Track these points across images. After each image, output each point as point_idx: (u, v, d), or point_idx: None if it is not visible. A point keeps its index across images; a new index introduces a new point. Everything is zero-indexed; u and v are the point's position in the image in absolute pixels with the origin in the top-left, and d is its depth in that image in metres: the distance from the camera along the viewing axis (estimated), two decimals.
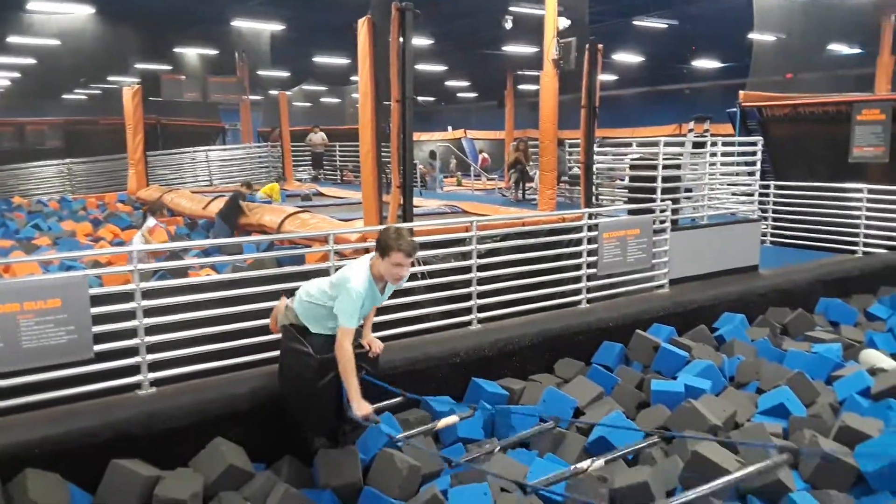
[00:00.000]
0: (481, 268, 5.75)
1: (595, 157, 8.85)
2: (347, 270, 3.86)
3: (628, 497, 3.72)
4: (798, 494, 3.45)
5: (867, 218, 8.66)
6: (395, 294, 5.40)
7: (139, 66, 18.60)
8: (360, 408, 3.73)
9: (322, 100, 28.43)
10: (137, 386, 4.37)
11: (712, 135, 9.32)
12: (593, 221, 6.52)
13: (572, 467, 3.83)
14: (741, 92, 10.74)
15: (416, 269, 5.76)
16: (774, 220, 9.80)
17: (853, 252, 8.67)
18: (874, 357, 5.49)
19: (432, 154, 18.02)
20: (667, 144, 7.73)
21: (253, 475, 3.93)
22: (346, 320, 3.72)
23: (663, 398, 4.74)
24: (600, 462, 2.68)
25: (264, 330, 4.65)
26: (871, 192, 8.63)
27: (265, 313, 4.66)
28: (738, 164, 8.55)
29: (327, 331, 3.95)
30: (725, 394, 4.88)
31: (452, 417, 4.30)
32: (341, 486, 3.91)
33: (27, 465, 3.53)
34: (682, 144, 8.59)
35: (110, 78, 21.47)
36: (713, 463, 3.65)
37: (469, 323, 5.72)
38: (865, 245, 8.69)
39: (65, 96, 24.67)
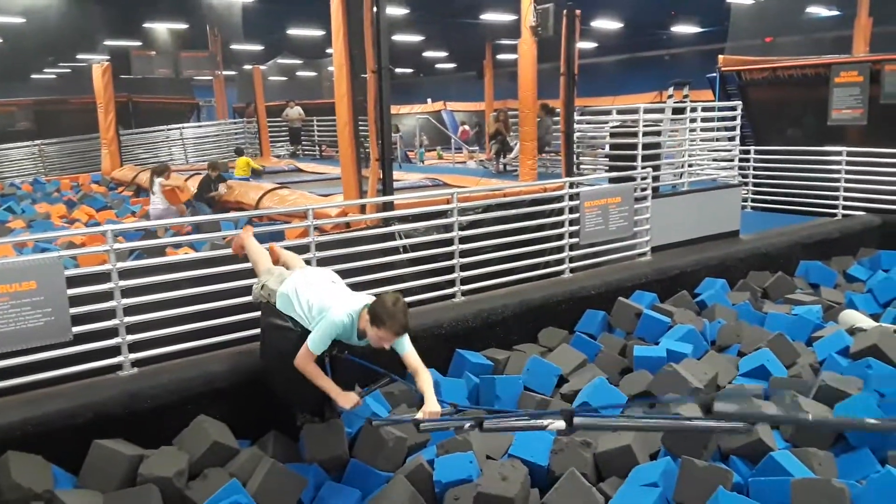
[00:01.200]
0: (463, 240, 5.73)
1: (575, 126, 8.81)
2: (336, 302, 3.66)
3: (612, 461, 3.76)
4: (779, 453, 3.50)
5: (846, 181, 8.72)
6: (379, 268, 5.39)
7: (108, 43, 18.12)
8: (346, 401, 3.59)
9: (298, 73, 28.00)
10: (119, 367, 4.33)
11: (692, 101, 9.29)
12: (574, 191, 6.50)
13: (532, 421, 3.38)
14: (720, 56, 10.70)
15: (399, 242, 5.74)
16: (755, 185, 9.84)
17: (833, 215, 8.75)
18: (853, 317, 5.56)
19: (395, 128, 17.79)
20: (646, 111, 7.71)
21: (238, 451, 3.91)
22: (314, 346, 3.59)
23: (646, 363, 4.78)
24: (560, 423, 2.67)
25: (244, 308, 4.60)
26: (849, 154, 8.68)
27: (245, 291, 4.61)
28: (718, 129, 8.55)
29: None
30: (707, 357, 4.93)
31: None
32: (328, 459, 3.91)
33: (8, 448, 3.48)
34: (661, 111, 8.56)
35: (79, 56, 20.94)
36: (696, 425, 3.68)
37: (453, 295, 5.71)
38: (845, 208, 8.76)
39: (33, 76, 24.06)
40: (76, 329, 4.14)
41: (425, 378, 3.62)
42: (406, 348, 3.66)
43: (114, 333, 4.33)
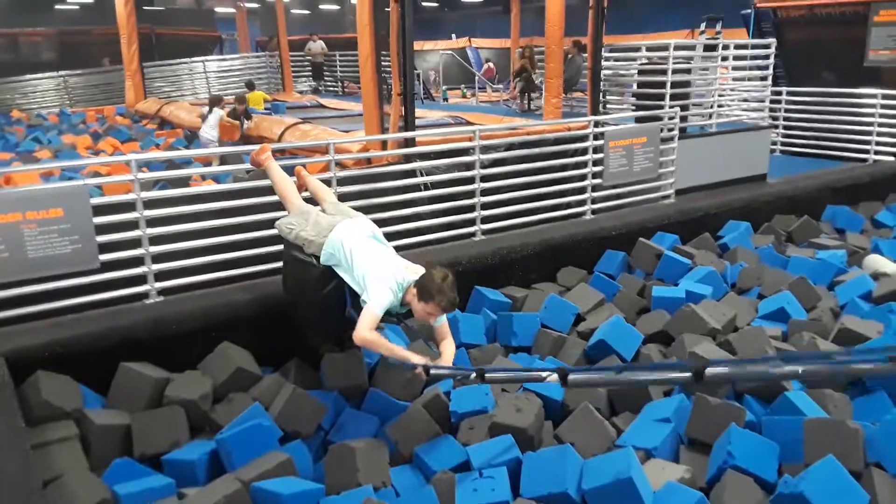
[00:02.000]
0: (485, 178, 5.69)
1: (602, 63, 8.58)
2: (386, 272, 3.53)
3: (626, 397, 3.81)
4: (794, 393, 3.51)
5: (879, 125, 8.47)
6: (397, 205, 5.40)
7: None
8: (420, 361, 3.41)
9: (321, 6, 27.47)
10: (145, 295, 4.43)
11: (724, 39, 8.98)
12: (599, 130, 6.39)
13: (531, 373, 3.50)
14: None
15: (419, 179, 5.71)
16: (785, 128, 9.60)
17: (864, 161, 8.53)
18: (878, 262, 5.49)
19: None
20: (676, 48, 7.48)
21: (261, 377, 4.02)
22: (378, 307, 3.42)
23: (664, 304, 4.77)
24: (555, 377, 2.72)
25: (268, 240, 4.65)
26: (884, 97, 8.40)
27: (268, 223, 4.65)
28: (751, 68, 8.30)
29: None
30: (726, 299, 4.91)
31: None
32: (347, 387, 4.01)
33: (38, 369, 3.60)
34: (692, 48, 8.30)
35: None
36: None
37: (473, 234, 5.71)
38: (876, 153, 8.54)
39: (57, 6, 23.88)
40: (103, 257, 4.22)
41: (450, 346, 3.66)
42: (442, 320, 3.66)
43: (140, 262, 4.41)
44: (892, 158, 8.38)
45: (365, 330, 3.38)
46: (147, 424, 3.55)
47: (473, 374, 3.16)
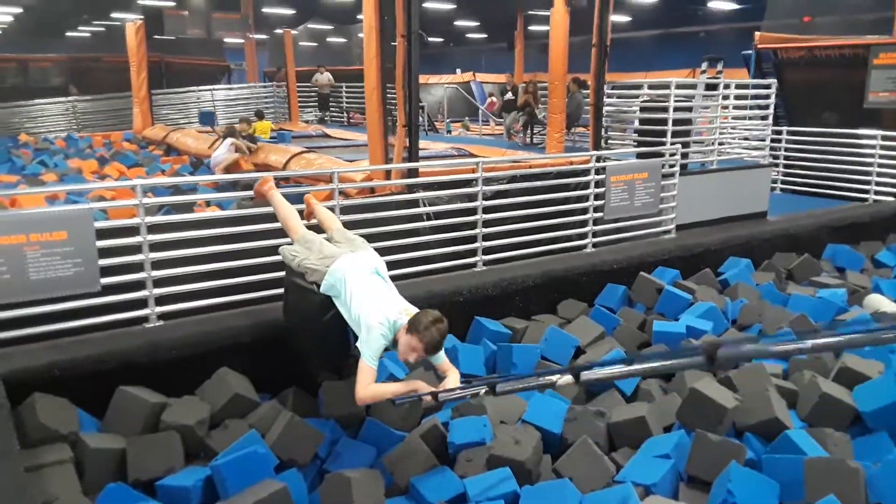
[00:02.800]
0: (487, 210, 5.73)
1: (605, 99, 8.69)
2: (381, 313, 3.49)
3: (625, 431, 3.78)
4: (795, 432, 3.49)
5: (879, 165, 8.54)
6: (401, 234, 5.42)
7: (141, 2, 18.21)
8: (425, 388, 3.39)
9: (328, 39, 27.91)
10: (145, 319, 4.43)
11: (725, 79, 9.13)
12: (601, 164, 6.44)
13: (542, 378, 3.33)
14: (757, 33, 10.46)
15: (423, 209, 5.75)
16: (786, 166, 9.68)
17: (864, 200, 8.58)
18: (879, 302, 5.48)
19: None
20: (678, 87, 7.58)
21: (258, 404, 4.00)
22: (371, 361, 3.42)
23: (664, 338, 4.77)
24: (568, 377, 2.69)
25: (270, 267, 4.66)
26: (884, 138, 8.49)
27: (270, 250, 4.67)
28: (751, 107, 8.40)
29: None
30: (727, 335, 4.90)
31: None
32: (345, 416, 3.98)
33: (35, 391, 3.58)
34: (694, 87, 8.41)
35: (113, 15, 21.07)
36: (711, 399, 3.69)
37: (474, 265, 5.73)
38: (877, 193, 8.59)
39: (68, 34, 24.28)
40: (104, 280, 4.23)
41: (454, 373, 3.59)
42: (441, 359, 3.60)
43: (141, 286, 4.42)
44: (891, 199, 8.43)
45: (364, 389, 3.38)
46: (142, 449, 3.52)
47: (484, 390, 3.12)
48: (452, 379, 3.52)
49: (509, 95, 12.91)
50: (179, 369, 4.09)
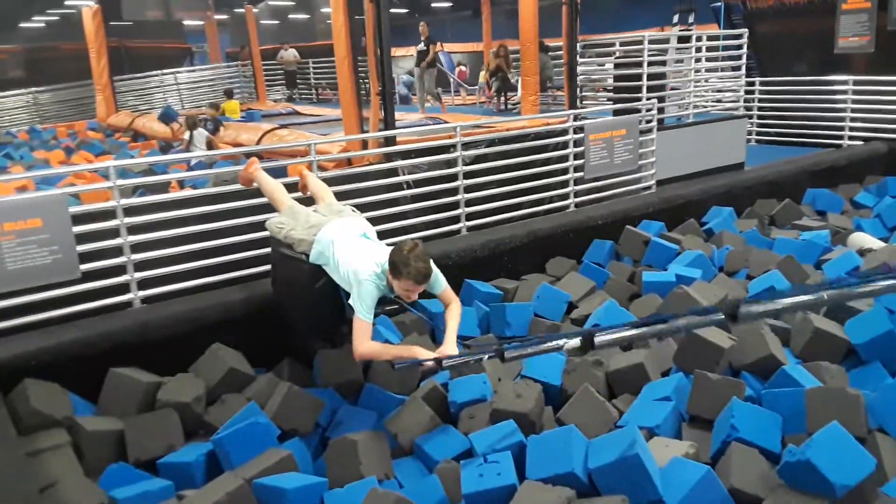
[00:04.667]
0: (468, 176, 5.67)
1: (578, 59, 8.63)
2: (365, 262, 3.44)
3: (624, 379, 3.80)
4: (791, 367, 3.52)
5: (852, 111, 8.62)
6: (382, 204, 5.35)
7: None
8: (427, 355, 3.32)
9: (290, 16, 27.37)
10: (129, 304, 4.33)
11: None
12: (578, 123, 6.41)
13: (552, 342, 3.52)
14: None
15: (402, 178, 5.67)
16: (760, 117, 9.73)
17: (838, 146, 8.67)
18: (862, 239, 5.56)
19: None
20: (651, 42, 7.55)
21: (254, 378, 3.95)
22: (366, 315, 3.36)
23: (655, 288, 4.79)
24: (575, 341, 2.69)
25: (251, 244, 4.59)
26: (856, 83, 8.56)
27: (250, 228, 4.60)
28: (723, 59, 8.40)
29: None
30: (716, 280, 4.94)
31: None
32: (343, 383, 3.95)
33: (25, 377, 3.50)
34: (666, 41, 8.39)
35: (67, 2, 20.41)
36: (707, 341, 3.72)
37: (458, 232, 5.69)
38: (851, 138, 8.68)
39: (21, 24, 23.49)
40: (84, 267, 4.12)
41: (453, 312, 3.58)
42: (441, 287, 3.57)
43: (122, 271, 4.32)
44: (864, 143, 8.52)
45: (362, 344, 3.36)
46: (140, 429, 3.47)
47: (488, 356, 3.08)
48: (451, 330, 3.49)
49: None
50: (171, 348, 4.02)
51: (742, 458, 2.94)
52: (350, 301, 3.47)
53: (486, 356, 3.13)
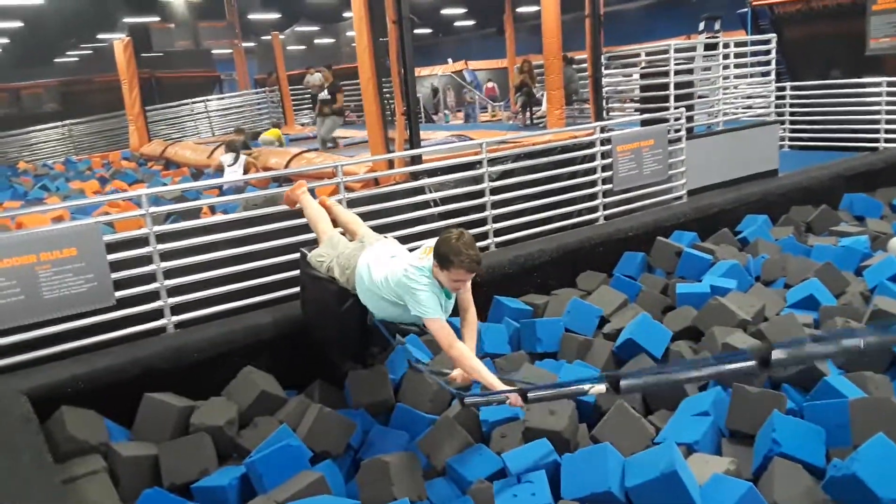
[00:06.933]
0: (494, 191, 5.66)
1: (603, 71, 8.58)
2: (405, 275, 3.29)
3: (660, 394, 3.71)
4: (833, 378, 3.41)
5: (888, 112, 8.42)
6: (411, 223, 5.35)
7: (127, 20, 18.15)
8: (515, 400, 3.04)
9: (316, 41, 27.81)
10: (162, 330, 4.38)
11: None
12: (606, 135, 6.35)
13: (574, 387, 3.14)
14: None
15: (429, 196, 5.67)
16: (792, 122, 9.55)
17: (874, 149, 8.46)
18: None
19: (434, 91, 17.59)
20: (677, 50, 7.48)
21: (286, 400, 3.95)
22: (434, 315, 3.23)
23: (689, 300, 4.68)
24: (601, 387, 2.64)
25: (283, 267, 4.61)
26: (890, 84, 8.36)
27: (280, 251, 4.62)
28: (752, 65, 8.28)
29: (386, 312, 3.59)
30: (753, 290, 4.82)
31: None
32: (374, 404, 3.93)
33: (61, 404, 3.55)
34: (693, 49, 8.30)
35: (99, 36, 21.03)
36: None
37: (487, 248, 5.66)
38: (887, 140, 8.47)
39: (56, 60, 24.26)
40: (118, 294, 4.18)
41: (471, 329, 3.44)
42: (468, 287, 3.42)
43: (156, 297, 4.37)
44: None
45: (451, 348, 3.18)
46: (174, 453, 3.49)
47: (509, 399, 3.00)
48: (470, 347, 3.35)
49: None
50: (203, 372, 4.05)
51: (785, 473, 2.84)
52: (413, 313, 3.32)
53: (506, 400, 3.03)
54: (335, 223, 4.25)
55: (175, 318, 4.42)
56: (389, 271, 3.43)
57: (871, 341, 2.04)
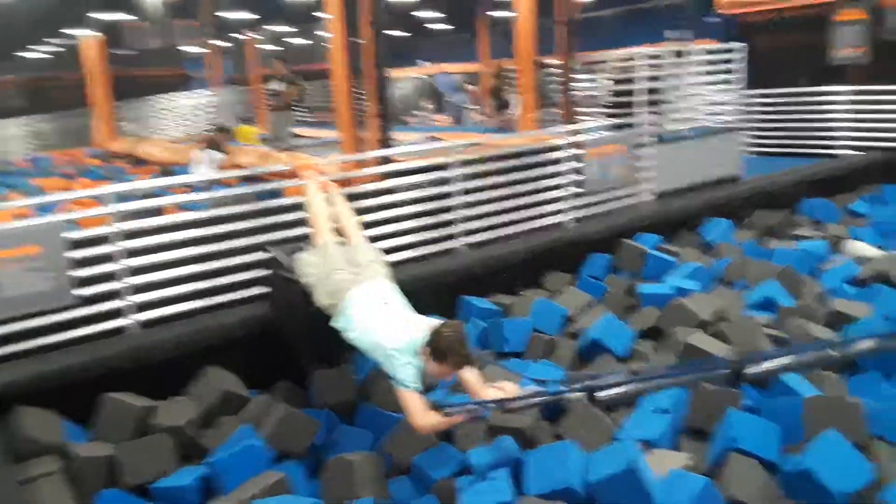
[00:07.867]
0: (465, 192, 5.68)
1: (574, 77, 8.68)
2: (393, 349, 3.24)
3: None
4: (789, 376, 3.47)
5: (848, 121, 8.64)
6: (379, 223, 5.34)
7: (97, 16, 17.89)
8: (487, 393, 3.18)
9: (284, 39, 27.69)
10: (125, 329, 4.31)
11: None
12: (576, 139, 6.42)
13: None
14: None
15: (399, 196, 5.67)
16: (756, 129, 9.72)
17: (835, 157, 8.67)
18: (859, 248, 5.53)
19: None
20: (644, 57, 7.57)
21: (249, 399, 3.92)
22: (405, 384, 3.20)
23: (653, 300, 4.75)
24: (578, 396, 2.70)
25: (249, 266, 4.58)
26: (853, 93, 8.57)
27: (248, 249, 4.59)
28: (718, 72, 8.42)
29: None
30: (715, 292, 4.90)
31: None
32: (339, 403, 3.92)
33: (18, 404, 3.48)
34: (661, 56, 8.41)
35: (69, 32, 20.69)
36: (705, 353, 3.69)
37: (455, 249, 5.67)
38: (847, 147, 8.68)
39: (23, 54, 23.80)
40: (81, 292, 4.11)
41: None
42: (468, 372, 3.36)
43: (118, 295, 4.31)
44: (861, 154, 8.53)
45: (421, 417, 3.16)
46: (133, 454, 3.43)
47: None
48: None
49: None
50: (165, 372, 3.99)
51: (741, 468, 2.90)
52: (388, 374, 3.30)
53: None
54: (331, 216, 4.13)
55: (137, 317, 4.35)
56: (374, 331, 3.36)
57: (845, 350, 2.10)
